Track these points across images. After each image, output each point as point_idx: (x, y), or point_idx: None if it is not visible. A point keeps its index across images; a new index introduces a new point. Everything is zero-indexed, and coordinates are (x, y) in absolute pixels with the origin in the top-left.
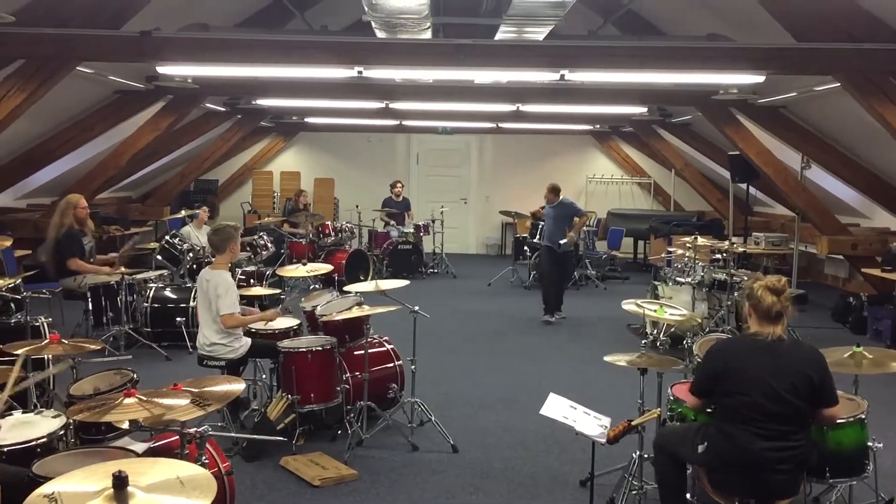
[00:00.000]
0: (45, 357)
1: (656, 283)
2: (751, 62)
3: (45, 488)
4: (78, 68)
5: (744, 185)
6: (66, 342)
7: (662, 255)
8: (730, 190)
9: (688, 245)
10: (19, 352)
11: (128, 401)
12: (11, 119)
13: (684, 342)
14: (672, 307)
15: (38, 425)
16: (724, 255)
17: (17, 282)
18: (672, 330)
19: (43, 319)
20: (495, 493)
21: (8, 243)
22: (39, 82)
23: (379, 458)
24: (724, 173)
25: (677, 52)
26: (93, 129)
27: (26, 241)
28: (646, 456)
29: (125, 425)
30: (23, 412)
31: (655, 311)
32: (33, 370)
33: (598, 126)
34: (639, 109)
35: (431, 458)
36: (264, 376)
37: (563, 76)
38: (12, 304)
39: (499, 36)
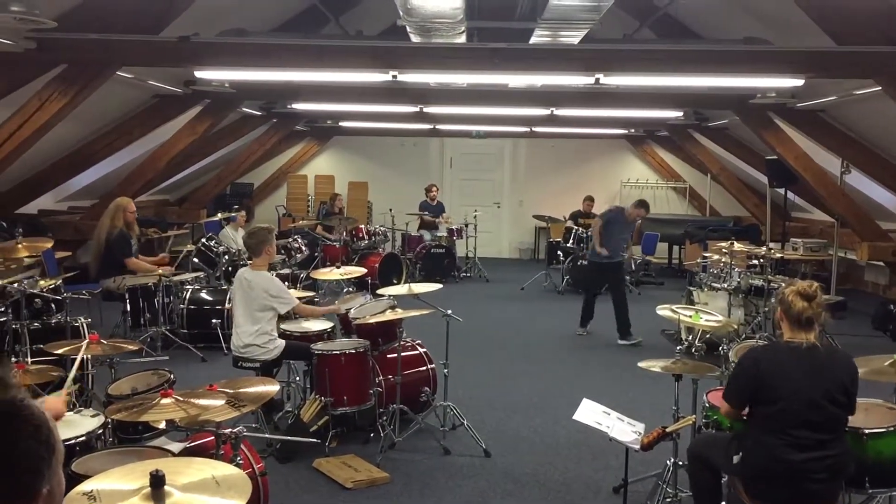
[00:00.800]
0: (86, 357)
1: (691, 288)
2: (790, 65)
3: (85, 486)
4: (118, 73)
5: (781, 190)
6: (105, 342)
7: (698, 261)
8: (767, 195)
9: (724, 250)
10: (59, 353)
11: (164, 401)
12: (53, 123)
13: (720, 348)
14: (708, 313)
15: (78, 424)
16: (761, 260)
17: (58, 283)
18: (707, 336)
19: (82, 320)
20: (527, 498)
21: (49, 245)
22: (80, 87)
23: (411, 461)
24: (761, 178)
25: (715, 55)
26: (132, 133)
27: (67, 242)
28: (680, 463)
29: (162, 425)
30: None
31: (691, 316)
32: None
33: (632, 130)
34: (675, 113)
35: (463, 462)
36: (298, 378)
37: (598, 80)
38: (53, 305)
39: (533, 40)
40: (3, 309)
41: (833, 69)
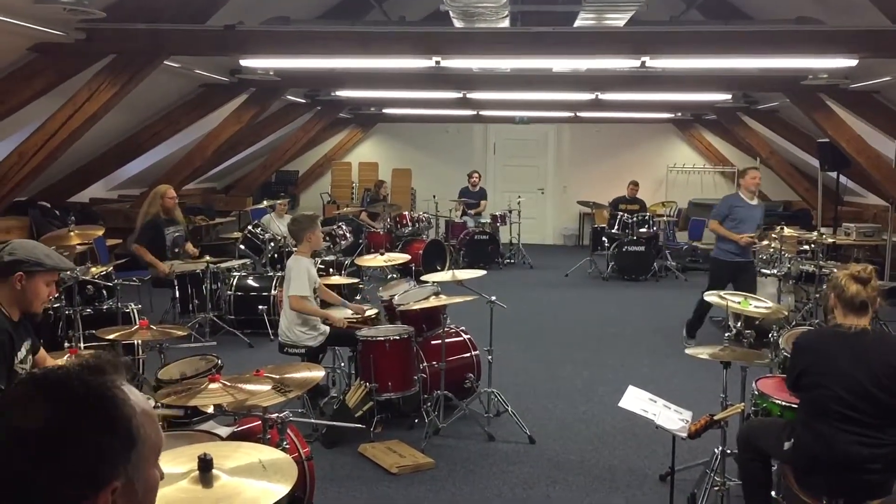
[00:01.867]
0: (136, 342)
1: None
2: (843, 45)
3: None
4: (165, 62)
5: (834, 174)
6: (155, 328)
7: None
8: (819, 179)
9: (773, 236)
10: (110, 339)
11: (212, 386)
12: (103, 113)
13: (770, 336)
14: (757, 299)
15: None
16: (812, 246)
17: (109, 270)
18: (757, 323)
19: (133, 306)
20: (573, 485)
21: (100, 232)
22: (129, 77)
23: (455, 447)
24: (812, 161)
25: (765, 36)
26: (179, 123)
27: (117, 230)
28: (728, 452)
29: (210, 409)
30: None
31: (739, 303)
32: (125, 355)
33: (679, 114)
34: (723, 96)
35: (508, 449)
36: (343, 364)
37: (643, 63)
38: (104, 292)
39: (578, 23)
40: (56, 295)
41: (888, 49)
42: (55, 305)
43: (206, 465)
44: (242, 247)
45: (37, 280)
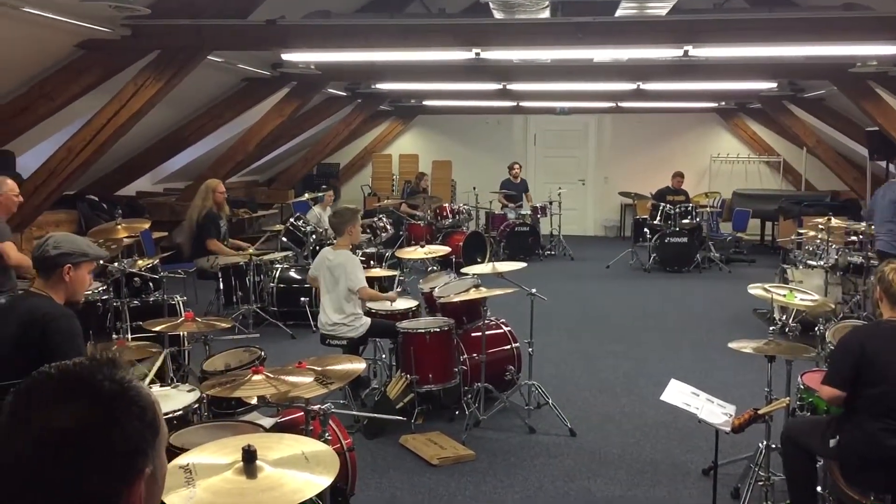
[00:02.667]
0: (181, 334)
1: (785, 266)
2: (892, 32)
3: (181, 460)
4: (208, 57)
5: (883, 163)
6: (200, 320)
7: (792, 237)
8: (867, 168)
9: (820, 226)
10: (157, 331)
11: (256, 378)
12: (148, 108)
13: (816, 329)
14: (803, 292)
15: (175, 398)
16: (861, 236)
17: (155, 262)
18: (802, 316)
19: (178, 298)
20: (614, 478)
21: (146, 225)
22: (173, 72)
23: (496, 439)
24: (860, 150)
25: (812, 23)
26: (222, 116)
27: (163, 223)
28: (773, 446)
29: (254, 401)
30: (160, 386)
31: (785, 295)
32: (170, 346)
33: (723, 103)
34: (768, 85)
35: (549, 441)
36: (384, 356)
37: (686, 52)
38: (151, 284)
39: (619, 12)
40: (104, 287)
41: None
42: (104, 297)
43: (250, 456)
44: (284, 239)
45: (82, 270)
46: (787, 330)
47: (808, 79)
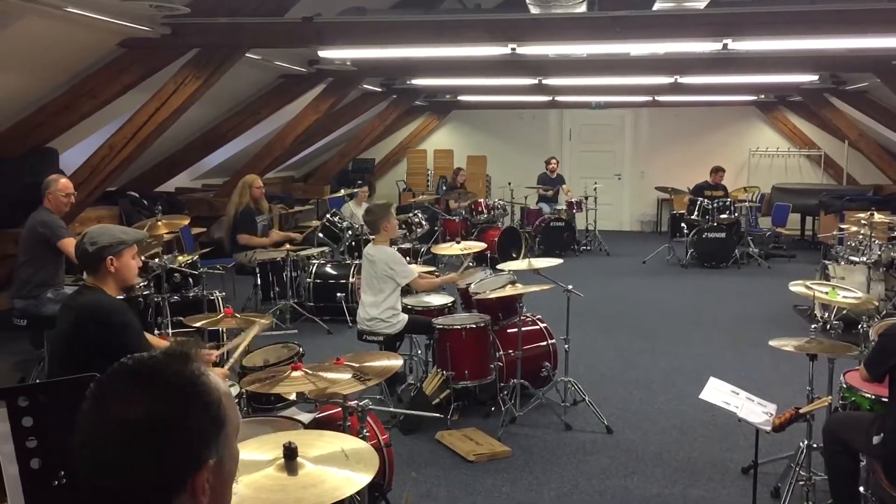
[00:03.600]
0: (221, 329)
1: (827, 262)
2: None
3: None
4: (246, 55)
5: None
6: (239, 316)
7: (834, 233)
8: None
9: (863, 221)
10: (197, 326)
11: (295, 374)
12: (187, 105)
13: (859, 326)
14: (845, 289)
15: None
16: None
17: (195, 258)
18: (844, 313)
19: (217, 293)
20: (651, 477)
21: (186, 221)
22: (212, 69)
23: (532, 436)
24: None
25: (853, 14)
26: (259, 113)
27: (202, 219)
28: (814, 445)
29: (292, 397)
30: None
31: (827, 292)
32: (209, 341)
33: (762, 96)
34: (809, 77)
35: (585, 439)
36: (420, 352)
37: (725, 45)
38: (190, 279)
39: (657, 6)
40: (146, 283)
41: None
42: (145, 293)
43: (291, 453)
44: (321, 235)
45: (125, 256)
46: (829, 327)
47: (851, 71)
